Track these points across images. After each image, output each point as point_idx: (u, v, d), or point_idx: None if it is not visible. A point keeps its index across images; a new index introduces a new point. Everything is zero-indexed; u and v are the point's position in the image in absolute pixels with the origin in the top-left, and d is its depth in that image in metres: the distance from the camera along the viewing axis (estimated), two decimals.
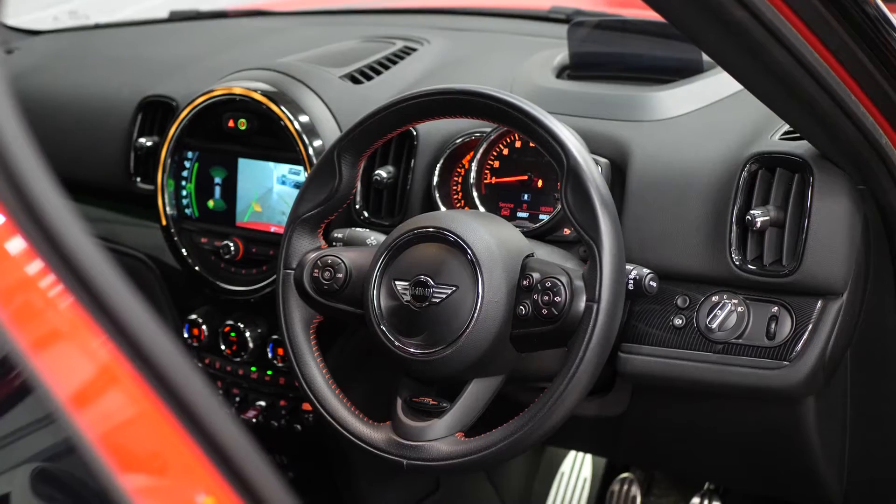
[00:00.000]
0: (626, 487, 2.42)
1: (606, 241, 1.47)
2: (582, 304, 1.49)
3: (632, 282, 1.57)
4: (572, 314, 1.49)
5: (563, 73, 2.02)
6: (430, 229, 1.58)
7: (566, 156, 1.51)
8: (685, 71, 1.89)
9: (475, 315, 1.53)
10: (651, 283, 1.58)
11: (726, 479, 2.18)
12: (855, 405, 1.81)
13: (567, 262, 1.63)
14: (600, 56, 2.01)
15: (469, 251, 1.54)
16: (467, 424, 1.57)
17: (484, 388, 1.58)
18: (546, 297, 1.51)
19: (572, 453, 2.58)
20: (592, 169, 1.51)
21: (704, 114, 1.79)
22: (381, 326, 1.59)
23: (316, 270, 1.66)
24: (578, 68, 2.00)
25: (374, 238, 1.75)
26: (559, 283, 1.50)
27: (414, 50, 2.21)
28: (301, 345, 1.68)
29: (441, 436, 1.56)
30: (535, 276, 1.53)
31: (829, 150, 1.56)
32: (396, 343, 1.58)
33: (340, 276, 1.65)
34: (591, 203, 1.48)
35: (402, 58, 2.17)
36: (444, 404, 1.58)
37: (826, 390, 1.72)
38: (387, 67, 2.13)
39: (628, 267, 1.58)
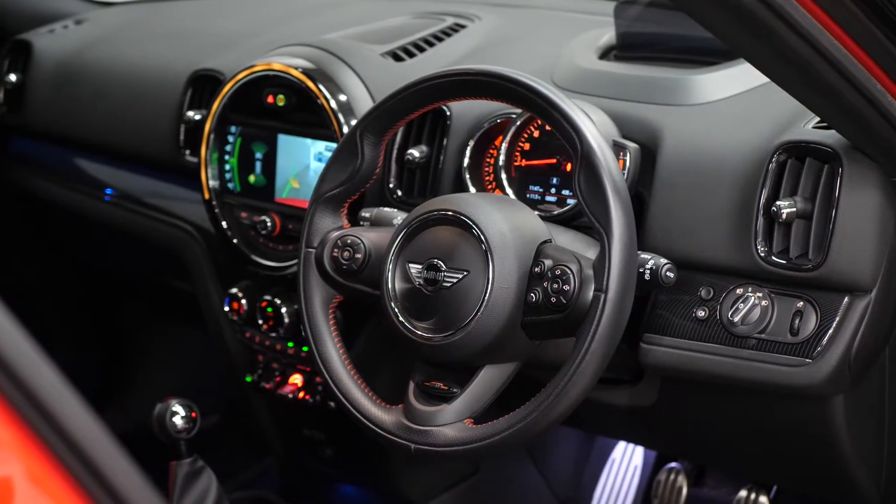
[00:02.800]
0: (672, 477, 2.37)
1: (617, 231, 1.43)
2: (590, 293, 1.45)
3: (648, 272, 1.53)
4: (580, 303, 1.45)
5: (609, 53, 1.97)
6: (445, 212, 1.56)
7: (580, 141, 1.47)
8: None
9: (485, 301, 1.50)
10: (668, 273, 1.53)
11: (757, 474, 2.12)
12: (893, 406, 1.74)
13: (588, 249, 1.60)
14: (648, 36, 1.96)
15: (481, 236, 1.51)
16: (477, 411, 1.55)
17: (496, 374, 1.55)
18: (556, 285, 1.47)
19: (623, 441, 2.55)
20: (607, 156, 1.47)
21: (742, 99, 1.73)
22: (395, 309, 1.58)
23: (336, 250, 1.65)
24: (625, 49, 1.96)
25: (401, 218, 1.73)
26: (568, 272, 1.47)
27: (463, 27, 2.18)
28: (319, 323, 1.67)
29: (449, 421, 1.54)
30: (547, 263, 1.50)
31: (859, 141, 1.50)
32: (408, 326, 1.56)
33: (359, 256, 1.63)
34: (602, 191, 1.44)
35: (449, 35, 2.15)
36: (455, 390, 1.56)
37: (858, 389, 1.66)
38: (431, 45, 2.11)
39: (645, 256, 1.53)
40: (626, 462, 2.53)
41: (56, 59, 2.56)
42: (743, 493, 2.26)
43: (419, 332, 1.55)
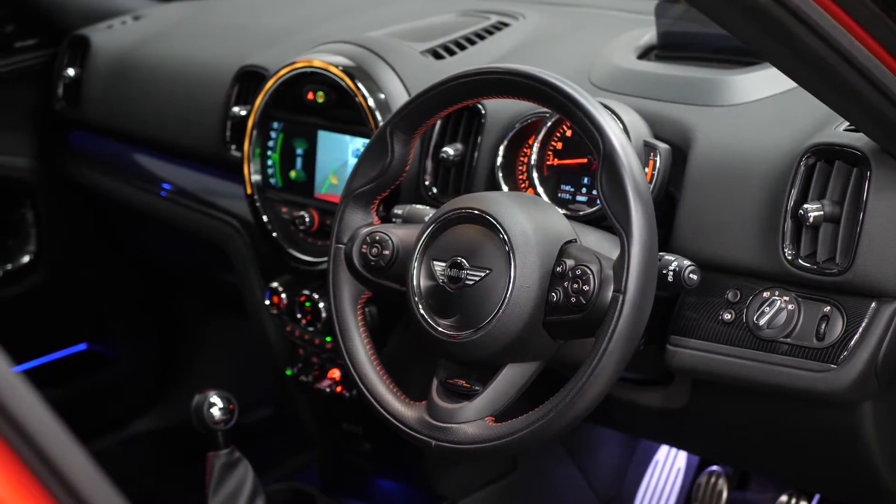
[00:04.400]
0: (713, 481, 2.35)
1: (637, 232, 1.42)
2: (609, 293, 1.45)
3: (672, 273, 1.52)
4: (599, 304, 1.45)
5: (650, 53, 1.96)
6: (469, 210, 1.56)
7: (602, 141, 1.46)
8: None
9: (506, 300, 1.50)
10: (691, 275, 1.52)
11: (787, 478, 2.10)
12: None
13: (614, 250, 1.58)
14: (689, 36, 1.93)
15: (504, 235, 1.52)
16: (498, 409, 1.55)
17: (518, 373, 1.55)
18: (576, 285, 1.47)
19: None
20: (629, 156, 1.46)
21: (777, 101, 1.71)
22: (419, 306, 1.58)
23: (364, 246, 1.67)
24: (666, 48, 1.94)
25: None
26: (589, 272, 1.46)
27: (507, 25, 2.18)
28: (347, 319, 1.68)
29: (470, 419, 1.54)
30: (569, 262, 1.50)
31: (887, 144, 1.47)
32: (432, 323, 1.57)
33: (387, 252, 1.64)
34: (623, 191, 1.44)
35: (491, 33, 2.15)
36: (477, 387, 1.56)
37: (889, 396, 1.63)
38: (473, 43, 2.11)
39: (669, 258, 1.53)
40: (669, 464, 2.51)
41: (112, 55, 2.61)
42: (783, 498, 2.23)
43: (442, 330, 1.56)
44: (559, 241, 1.54)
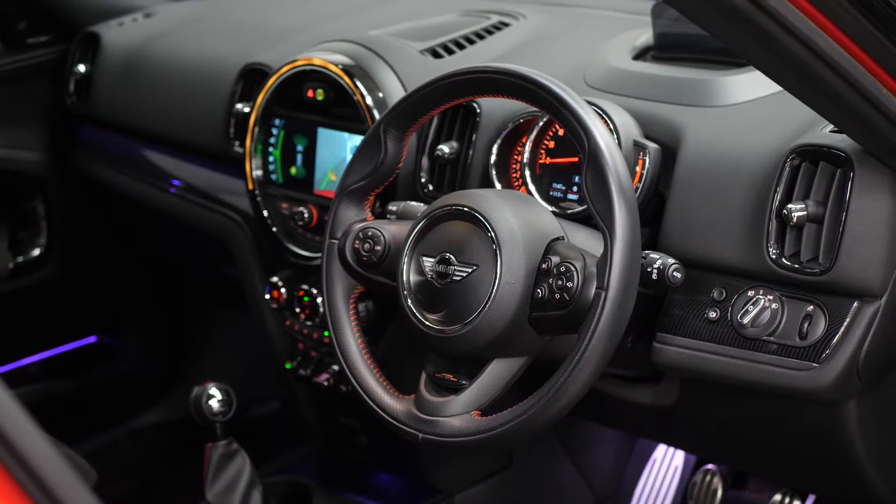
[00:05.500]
0: (707, 479, 2.36)
1: (619, 230, 1.44)
2: (592, 290, 1.47)
3: (656, 271, 1.54)
4: (582, 300, 1.47)
5: (646, 53, 1.98)
6: (458, 207, 1.58)
7: (588, 139, 1.48)
8: None
9: (492, 295, 1.52)
10: (675, 273, 1.54)
11: (777, 476, 2.11)
12: None
13: (602, 247, 1.61)
14: (686, 37, 1.95)
15: (491, 232, 1.54)
16: (484, 403, 1.57)
17: (505, 368, 1.57)
18: (560, 282, 1.49)
19: None
20: (614, 155, 1.47)
21: (768, 102, 1.73)
22: (408, 300, 1.61)
23: (357, 242, 1.69)
24: (662, 49, 1.96)
25: None
26: (573, 269, 1.48)
27: (507, 25, 2.20)
28: (340, 313, 1.71)
29: (456, 413, 1.56)
30: (555, 259, 1.52)
31: (870, 145, 1.49)
32: (420, 318, 1.59)
33: (379, 248, 1.67)
34: (607, 190, 1.45)
35: (491, 33, 2.17)
36: (464, 382, 1.58)
37: (874, 395, 1.65)
38: (472, 42, 2.13)
39: (654, 256, 1.55)
40: (666, 463, 2.53)
41: (122, 51, 2.64)
42: (777, 497, 2.24)
43: (429, 324, 1.58)
44: (546, 239, 1.56)
